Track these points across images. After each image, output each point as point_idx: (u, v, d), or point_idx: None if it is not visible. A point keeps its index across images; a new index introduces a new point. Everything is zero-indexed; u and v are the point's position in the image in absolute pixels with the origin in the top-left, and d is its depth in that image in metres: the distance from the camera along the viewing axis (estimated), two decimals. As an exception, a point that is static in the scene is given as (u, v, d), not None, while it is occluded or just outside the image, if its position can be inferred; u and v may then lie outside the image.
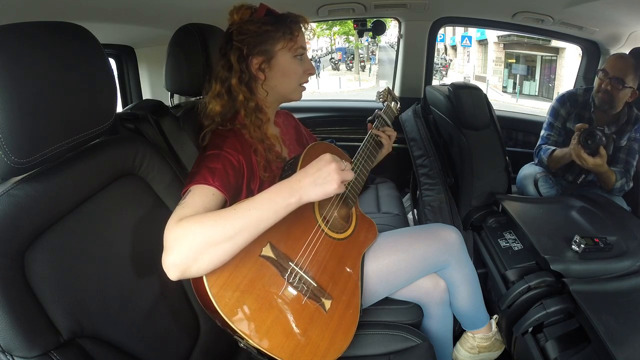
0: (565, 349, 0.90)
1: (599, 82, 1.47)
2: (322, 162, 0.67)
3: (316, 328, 0.75)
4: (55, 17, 0.63)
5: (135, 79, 1.74)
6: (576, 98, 1.58)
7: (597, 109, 1.49)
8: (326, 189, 0.67)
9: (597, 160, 1.31)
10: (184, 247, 0.61)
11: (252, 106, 0.86)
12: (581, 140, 1.32)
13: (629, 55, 1.46)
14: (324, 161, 0.68)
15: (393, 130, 1.13)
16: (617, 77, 1.41)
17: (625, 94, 1.43)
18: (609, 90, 1.43)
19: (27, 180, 0.59)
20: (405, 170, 1.94)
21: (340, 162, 0.69)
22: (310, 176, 0.66)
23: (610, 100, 1.44)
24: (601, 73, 1.47)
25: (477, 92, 1.43)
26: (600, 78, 1.47)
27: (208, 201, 0.70)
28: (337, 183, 0.67)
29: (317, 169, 0.67)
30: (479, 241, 1.32)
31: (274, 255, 0.74)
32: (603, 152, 1.30)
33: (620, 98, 1.44)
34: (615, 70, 1.42)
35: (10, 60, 0.51)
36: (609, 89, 1.43)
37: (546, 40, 9.18)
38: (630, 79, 1.41)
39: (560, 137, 1.59)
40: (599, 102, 1.48)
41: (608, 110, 1.47)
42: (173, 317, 0.78)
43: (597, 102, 1.49)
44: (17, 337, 0.52)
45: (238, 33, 0.84)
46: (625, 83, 1.41)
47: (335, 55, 16.90)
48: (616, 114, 1.49)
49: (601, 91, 1.46)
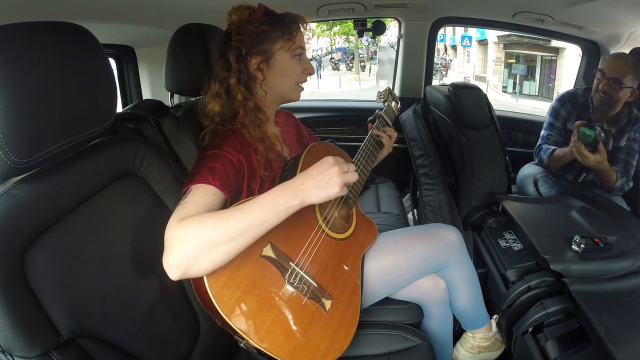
0: (565, 349, 0.90)
1: (596, 83, 1.47)
2: (324, 165, 0.68)
3: (316, 328, 0.75)
4: (55, 17, 0.63)
5: (135, 79, 1.74)
6: (576, 98, 1.57)
7: (596, 109, 1.49)
8: (328, 192, 0.67)
9: (598, 157, 1.30)
10: (185, 247, 0.61)
11: (251, 106, 0.86)
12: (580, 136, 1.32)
13: (627, 55, 1.45)
14: (327, 164, 0.68)
15: (394, 130, 1.13)
16: (614, 77, 1.40)
17: (624, 95, 1.42)
18: (606, 90, 1.43)
19: (27, 180, 0.59)
20: (405, 170, 1.94)
21: (343, 164, 0.69)
22: (313, 179, 0.67)
23: (609, 100, 1.43)
24: (599, 73, 1.46)
25: (477, 92, 1.43)
26: (598, 79, 1.46)
27: (209, 201, 0.70)
28: (340, 186, 0.67)
29: (320, 171, 0.67)
30: (479, 241, 1.32)
31: (275, 255, 0.74)
32: (602, 148, 1.30)
33: (619, 98, 1.43)
34: (613, 70, 1.42)
35: (10, 60, 0.51)
36: (607, 90, 1.42)
37: (546, 40, 9.18)
38: (628, 79, 1.40)
39: (561, 138, 1.58)
40: (597, 102, 1.47)
41: (607, 111, 1.47)
42: (173, 317, 0.78)
43: (595, 103, 1.48)
44: (17, 337, 0.52)
45: (237, 33, 0.84)
46: (623, 83, 1.40)
47: (335, 55, 16.90)
48: (616, 114, 1.48)
49: (599, 92, 1.45)
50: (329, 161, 0.68)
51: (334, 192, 0.67)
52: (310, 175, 0.67)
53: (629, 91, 1.42)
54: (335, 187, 0.67)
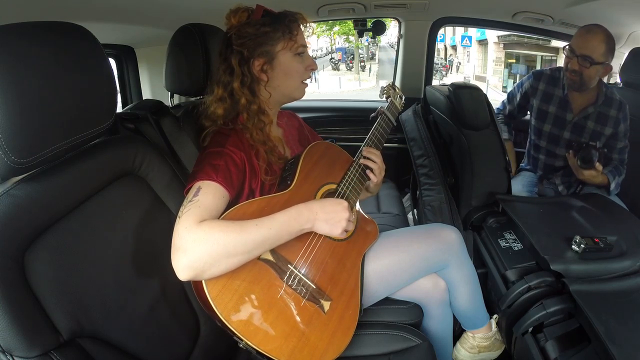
0: (565, 349, 0.90)
1: (566, 61, 1.38)
2: (339, 207, 0.77)
3: (315, 329, 0.75)
4: (55, 17, 0.63)
5: (135, 79, 1.74)
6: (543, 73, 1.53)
7: (569, 88, 1.42)
8: (332, 230, 0.77)
9: (592, 172, 1.31)
10: (204, 252, 0.62)
11: (255, 109, 0.86)
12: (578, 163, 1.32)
13: (597, 27, 1.33)
14: (342, 207, 0.78)
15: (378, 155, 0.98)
16: (584, 54, 1.31)
17: (596, 72, 1.33)
18: (576, 70, 1.34)
19: (27, 180, 0.59)
20: (405, 170, 1.94)
21: (352, 214, 0.80)
22: (326, 214, 0.76)
23: (580, 79, 1.35)
24: (567, 51, 1.36)
25: (477, 92, 1.42)
26: (567, 57, 1.37)
27: (218, 203, 0.72)
28: (342, 230, 0.77)
29: (333, 211, 0.76)
30: (479, 241, 1.31)
31: (273, 258, 0.74)
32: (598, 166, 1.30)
33: (591, 76, 1.34)
34: (582, 47, 1.32)
35: (10, 60, 0.51)
36: (577, 69, 1.33)
37: (546, 40, 9.16)
38: (599, 55, 1.30)
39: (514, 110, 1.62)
40: (568, 82, 1.40)
41: (579, 89, 1.39)
42: (173, 317, 0.78)
43: (567, 83, 1.42)
44: (17, 337, 0.52)
45: (237, 37, 0.83)
46: (594, 60, 1.29)
47: (335, 55, 16.89)
48: (592, 92, 1.42)
49: (569, 70, 1.36)
50: (344, 205, 0.78)
51: (336, 232, 0.77)
52: (324, 209, 0.76)
53: (602, 67, 1.33)
54: (338, 229, 0.77)
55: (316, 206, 0.76)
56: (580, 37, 1.34)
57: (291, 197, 0.80)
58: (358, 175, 0.94)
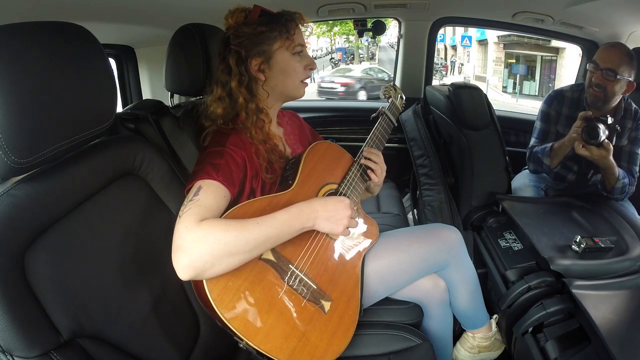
0: (565, 349, 0.90)
1: (589, 76, 1.35)
2: (341, 205, 0.77)
3: (315, 329, 0.75)
4: (55, 17, 0.63)
5: (135, 79, 1.74)
6: (563, 95, 1.46)
7: (591, 106, 1.38)
8: (334, 228, 0.76)
9: (602, 152, 1.21)
10: (204, 251, 0.62)
11: (253, 108, 0.86)
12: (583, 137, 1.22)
13: (621, 43, 1.36)
14: (343, 205, 0.77)
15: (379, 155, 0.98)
16: (608, 68, 1.28)
17: (619, 87, 1.31)
18: (600, 83, 1.30)
19: (27, 180, 0.59)
20: (405, 170, 1.94)
21: (354, 212, 0.80)
22: (327, 212, 0.75)
23: (604, 94, 1.31)
24: (591, 65, 1.33)
25: (477, 92, 1.42)
26: (591, 71, 1.34)
27: (219, 202, 0.71)
28: (344, 228, 0.77)
29: (335, 208, 0.76)
30: (479, 241, 1.31)
31: (274, 258, 0.74)
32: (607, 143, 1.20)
33: (615, 92, 1.31)
34: (607, 61, 1.30)
35: (10, 60, 0.51)
36: (601, 82, 1.30)
37: (546, 40, 9.17)
38: (623, 69, 1.29)
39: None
40: (591, 98, 1.35)
41: (602, 107, 1.35)
42: (173, 317, 0.78)
43: (589, 99, 1.37)
44: (17, 337, 0.52)
45: (235, 37, 0.84)
46: (619, 74, 1.28)
47: (335, 55, 16.88)
48: (612, 109, 1.38)
49: (593, 85, 1.32)
50: (346, 203, 0.77)
51: (338, 230, 0.77)
52: (326, 207, 0.75)
53: (625, 83, 1.31)
54: (340, 227, 0.76)
55: (318, 204, 0.75)
56: (604, 51, 1.34)
57: (292, 196, 0.80)
58: (359, 175, 0.94)
